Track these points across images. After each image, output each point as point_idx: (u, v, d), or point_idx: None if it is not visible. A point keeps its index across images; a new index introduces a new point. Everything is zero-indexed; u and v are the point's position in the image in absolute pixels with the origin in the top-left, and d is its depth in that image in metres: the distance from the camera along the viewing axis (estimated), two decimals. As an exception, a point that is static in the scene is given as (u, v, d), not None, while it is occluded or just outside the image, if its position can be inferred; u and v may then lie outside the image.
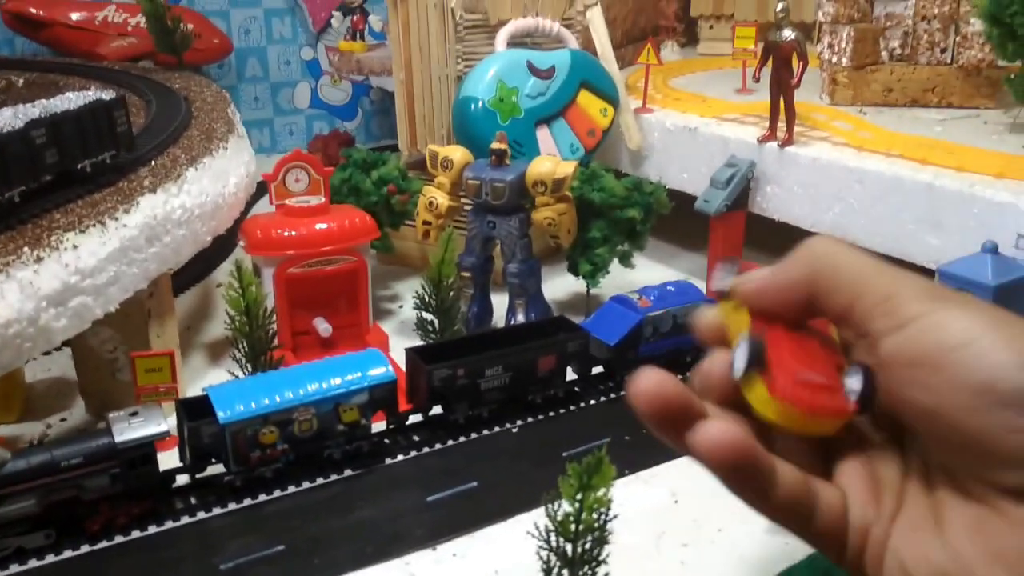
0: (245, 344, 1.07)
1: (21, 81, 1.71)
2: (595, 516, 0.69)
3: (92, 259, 0.89)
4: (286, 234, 1.19)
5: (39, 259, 0.84)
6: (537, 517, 0.90)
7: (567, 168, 1.21)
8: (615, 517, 0.70)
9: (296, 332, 1.24)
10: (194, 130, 1.26)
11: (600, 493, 0.68)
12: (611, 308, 1.16)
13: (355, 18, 1.96)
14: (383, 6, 2.06)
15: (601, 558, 0.71)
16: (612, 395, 1.14)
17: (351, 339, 1.28)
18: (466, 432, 1.05)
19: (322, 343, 1.26)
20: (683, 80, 1.84)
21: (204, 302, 1.47)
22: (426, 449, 1.02)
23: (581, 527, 0.70)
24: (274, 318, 1.10)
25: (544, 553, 0.71)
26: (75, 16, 1.96)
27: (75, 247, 0.87)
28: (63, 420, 1.11)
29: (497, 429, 1.06)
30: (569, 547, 0.71)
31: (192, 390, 1.17)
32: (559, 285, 1.45)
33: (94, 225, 0.91)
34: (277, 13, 2.38)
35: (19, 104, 0.93)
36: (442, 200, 1.26)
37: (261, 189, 1.45)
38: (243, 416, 0.90)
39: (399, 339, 1.31)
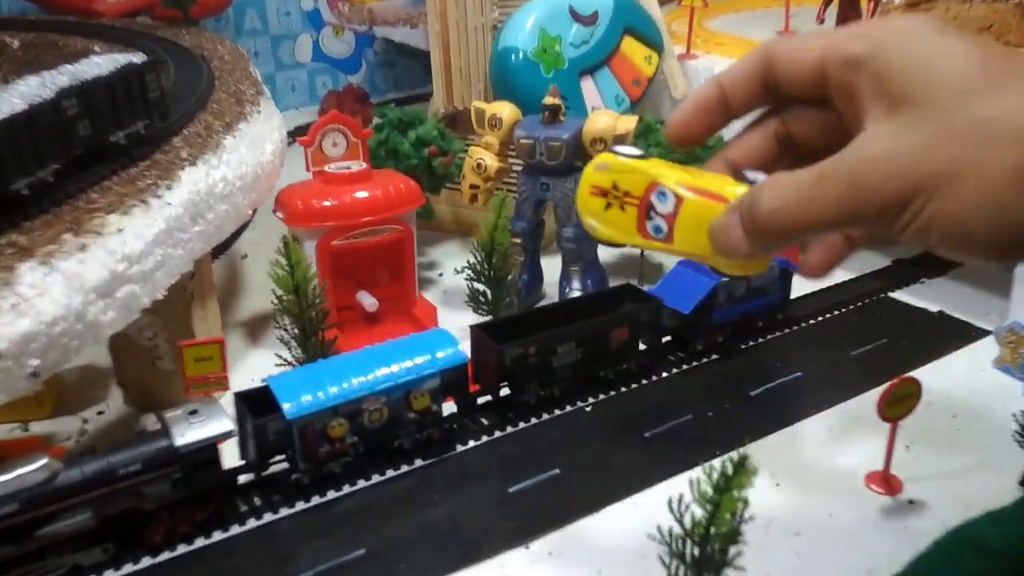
0: (295, 325, 1.00)
1: (16, 42, 1.59)
2: (730, 518, 0.63)
3: (139, 243, 0.80)
4: (327, 204, 1.11)
5: (83, 247, 0.75)
6: (630, 508, 0.84)
7: (628, 123, 1.13)
8: (751, 519, 0.63)
9: (340, 307, 1.17)
10: (220, 92, 1.16)
11: (737, 494, 0.61)
12: (681, 273, 1.08)
13: (366, -36, 1.85)
14: (394, -50, 1.95)
15: (735, 563, 0.65)
16: (685, 366, 1.07)
17: (397, 313, 1.21)
18: (538, 413, 0.98)
19: (367, 318, 1.19)
20: (719, 22, 1.74)
21: (230, 276, 1.38)
22: (498, 433, 0.95)
23: (713, 531, 0.63)
24: (323, 296, 1.03)
25: (668, 558, 0.65)
26: (64, -31, 1.83)
27: (120, 231, 0.79)
28: (100, 413, 1.04)
29: (570, 408, 1.00)
30: (698, 550, 0.65)
31: (235, 375, 1.10)
32: (609, 249, 1.37)
33: (137, 205, 0.82)
34: (276, -40, 2.25)
35: (42, 71, 0.83)
36: (491, 162, 1.17)
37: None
38: (311, 409, 0.82)
39: (445, 311, 1.24)
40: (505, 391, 0.98)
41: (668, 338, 1.09)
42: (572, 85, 1.33)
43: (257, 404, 0.85)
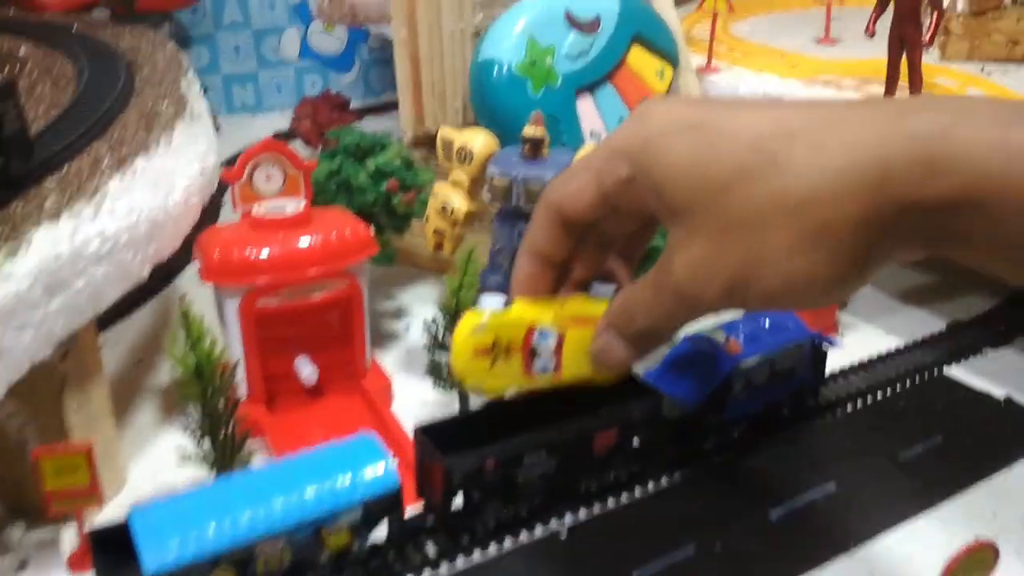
0: (200, 415, 0.79)
1: (-60, 40, 1.40)
2: None
3: (-52, 337, 0.60)
4: (254, 254, 0.90)
5: None
6: None
7: (626, 162, 0.91)
8: None
9: (272, 377, 0.96)
10: (131, 113, 0.95)
11: None
12: (686, 352, 0.87)
13: (346, -48, 1.64)
14: (380, -62, 1.74)
15: None
16: (688, 471, 0.86)
17: (344, 383, 1.00)
18: (498, 537, 0.77)
19: (307, 391, 0.98)
20: (746, 27, 1.51)
21: (161, 324, 1.18)
22: (444, 568, 0.75)
23: None
24: (238, 374, 0.82)
25: None
26: (12, -45, 1.63)
27: (-79, 322, 0.59)
28: (-38, 514, 0.84)
29: (540, 533, 0.78)
30: None
31: (136, 463, 0.90)
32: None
33: (-44, 283, 0.62)
34: (258, -53, 2.04)
35: None
36: (459, 204, 0.96)
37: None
38: (183, 560, 0.62)
39: (405, 379, 1.03)
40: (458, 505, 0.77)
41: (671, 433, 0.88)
42: (567, 105, 1.11)
43: (122, 544, 0.65)
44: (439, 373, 0.93)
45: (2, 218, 0.70)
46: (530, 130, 0.92)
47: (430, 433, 0.75)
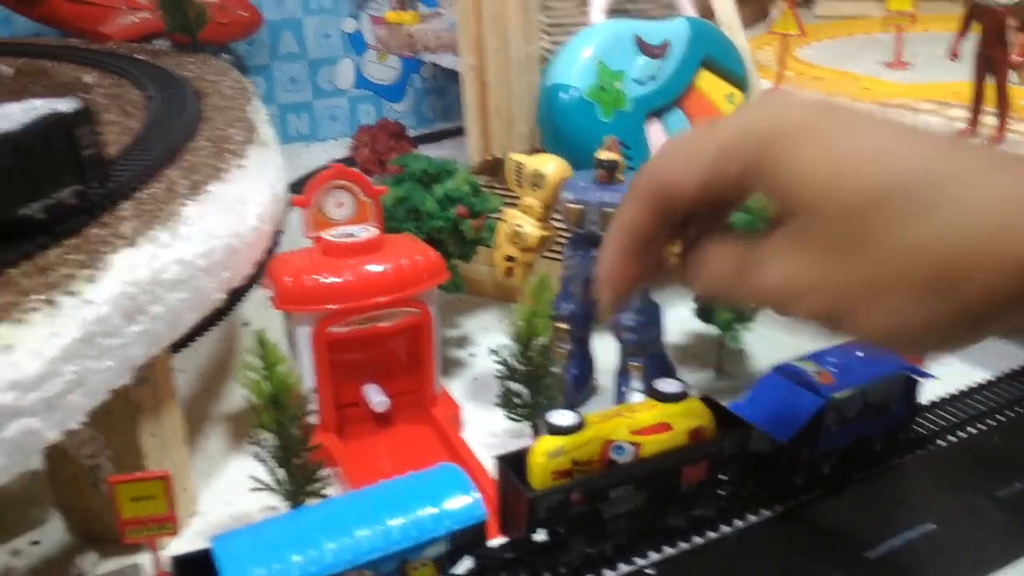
0: (274, 443, 0.77)
1: (11, 70, 1.42)
2: None
3: (35, 362, 0.59)
4: (326, 281, 0.89)
5: (-53, 376, 0.54)
6: None
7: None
8: None
9: (342, 405, 0.94)
10: (201, 139, 0.95)
11: None
12: (775, 384, 0.83)
13: (402, -19, 1.65)
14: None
15: None
16: (779, 507, 0.82)
17: (413, 411, 0.98)
18: (582, 573, 0.74)
19: (376, 418, 0.96)
20: (814, 51, 1.48)
21: (225, 351, 1.17)
22: (532, 604, 0.72)
23: None
24: (310, 405, 0.80)
25: None
26: (75, -10, 1.66)
27: (8, 347, 0.57)
28: (35, 543, 0.83)
29: (625, 569, 0.75)
30: None
31: (204, 498, 0.88)
32: (674, 330, 1.11)
33: (37, 308, 0.61)
34: (314, -21, 2.06)
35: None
36: (530, 230, 0.94)
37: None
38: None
39: (473, 408, 1.01)
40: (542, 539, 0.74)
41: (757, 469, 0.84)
42: (636, 131, 1.09)
43: (201, 571, 0.63)
44: (511, 403, 0.91)
45: (76, 247, 0.69)
46: (605, 154, 0.90)
47: (513, 464, 0.73)
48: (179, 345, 1.10)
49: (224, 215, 0.83)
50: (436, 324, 0.95)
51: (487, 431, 0.97)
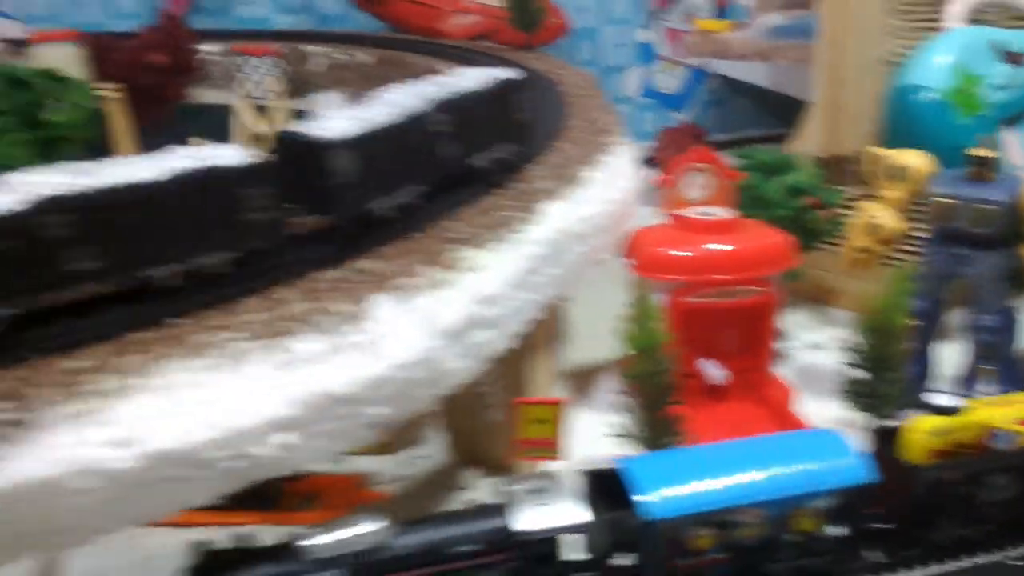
0: (638, 393, 0.84)
1: (370, 59, 1.61)
2: None
3: (497, 283, 0.69)
4: (682, 253, 0.95)
5: (439, 283, 0.64)
6: None
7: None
8: None
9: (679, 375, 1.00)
10: (576, 119, 1.04)
11: None
12: None
13: (721, -8, 1.70)
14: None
15: None
16: None
17: (744, 390, 1.02)
18: (953, 556, 0.75)
19: (709, 391, 1.01)
20: None
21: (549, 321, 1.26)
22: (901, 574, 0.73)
23: None
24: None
25: None
26: (415, -9, 1.85)
27: (478, 268, 0.68)
28: (422, 458, 0.94)
29: (992, 557, 0.75)
30: None
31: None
32: None
33: (497, 240, 0.71)
34: (615, -10, 2.17)
35: (415, 82, 0.75)
36: (890, 221, 0.96)
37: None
38: (678, 511, 0.66)
39: (799, 396, 1.03)
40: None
41: None
42: (991, 134, 1.07)
43: (601, 488, 0.70)
44: (858, 393, 0.92)
45: (512, 195, 0.79)
46: (980, 151, 0.90)
47: (888, 437, 0.75)
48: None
49: (608, 184, 0.91)
50: (777, 306, 0.99)
51: (824, 419, 0.99)
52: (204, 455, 0.53)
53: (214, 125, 1.75)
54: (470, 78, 0.77)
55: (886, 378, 0.89)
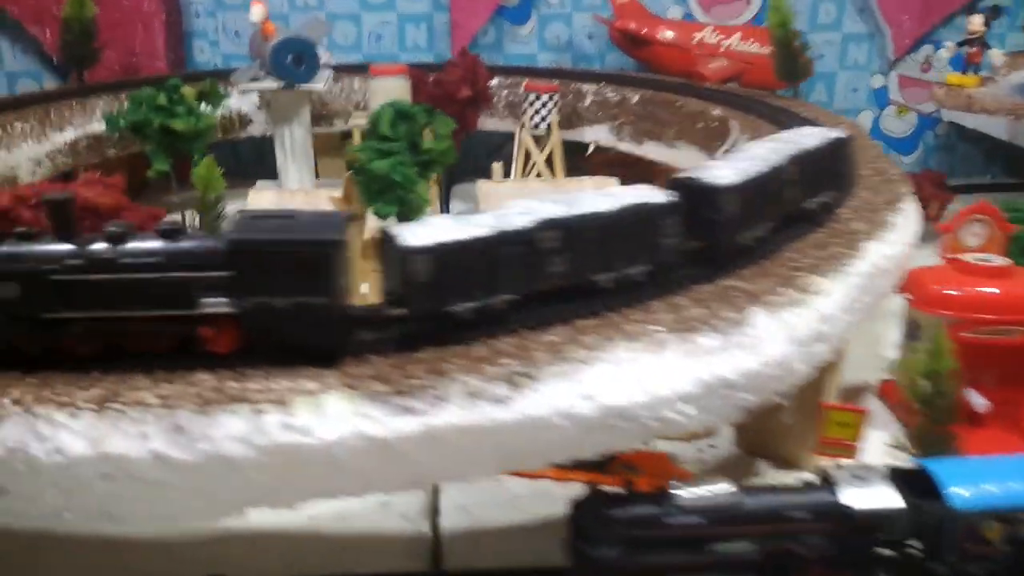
0: (920, 412, 0.98)
1: (636, 97, 1.81)
2: None
3: (831, 305, 0.85)
4: (958, 293, 1.08)
5: (796, 302, 0.82)
6: None
7: None
8: None
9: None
10: (866, 168, 1.19)
11: None
12: None
13: (972, 50, 1.79)
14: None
15: None
16: None
17: (1002, 421, 1.13)
18: None
19: (970, 418, 1.14)
20: None
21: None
22: None
23: None
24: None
25: None
26: (671, 35, 2.03)
27: (821, 291, 0.85)
28: (711, 446, 1.12)
29: None
30: None
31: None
32: None
33: (831, 270, 0.88)
34: (854, 38, 2.28)
35: (769, 138, 0.93)
36: None
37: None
38: (977, 507, 0.80)
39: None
40: None
41: None
42: None
43: (902, 483, 0.85)
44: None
45: (832, 233, 0.95)
46: None
47: None
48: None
49: (904, 227, 1.06)
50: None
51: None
52: (635, 412, 0.73)
53: (491, 151, 2.01)
54: (810, 135, 0.94)
55: None
